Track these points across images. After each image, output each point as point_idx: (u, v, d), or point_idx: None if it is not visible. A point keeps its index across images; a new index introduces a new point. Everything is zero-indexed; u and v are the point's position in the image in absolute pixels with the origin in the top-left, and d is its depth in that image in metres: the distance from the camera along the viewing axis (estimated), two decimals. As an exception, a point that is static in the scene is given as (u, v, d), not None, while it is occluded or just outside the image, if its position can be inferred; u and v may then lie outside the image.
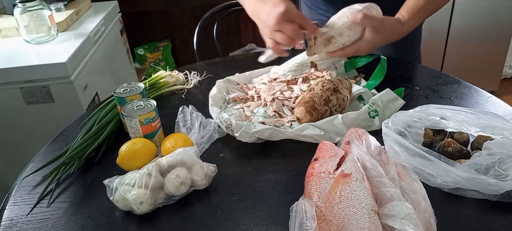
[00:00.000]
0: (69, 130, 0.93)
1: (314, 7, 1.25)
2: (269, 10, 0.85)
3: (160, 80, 1.05)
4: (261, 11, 0.88)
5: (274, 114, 0.89)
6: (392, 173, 0.65)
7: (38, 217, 0.69)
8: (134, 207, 0.65)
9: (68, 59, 1.32)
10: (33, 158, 0.85)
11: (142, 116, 0.78)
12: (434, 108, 0.75)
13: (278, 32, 0.85)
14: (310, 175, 0.66)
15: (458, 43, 2.33)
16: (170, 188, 0.67)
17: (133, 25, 2.48)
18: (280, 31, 0.84)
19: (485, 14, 2.24)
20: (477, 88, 0.96)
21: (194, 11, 2.56)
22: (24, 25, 1.48)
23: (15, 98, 1.34)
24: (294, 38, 0.85)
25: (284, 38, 0.85)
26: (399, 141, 0.68)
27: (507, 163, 0.64)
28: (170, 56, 2.68)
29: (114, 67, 1.88)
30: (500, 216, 0.62)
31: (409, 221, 0.54)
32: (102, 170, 0.80)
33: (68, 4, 1.76)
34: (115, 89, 0.87)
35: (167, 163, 0.69)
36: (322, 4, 1.20)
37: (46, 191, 0.74)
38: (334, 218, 0.57)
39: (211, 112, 0.89)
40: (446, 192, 0.66)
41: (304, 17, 0.87)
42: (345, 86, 0.90)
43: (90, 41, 1.57)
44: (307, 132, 0.80)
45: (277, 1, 0.85)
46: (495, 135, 0.70)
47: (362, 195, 0.58)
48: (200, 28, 1.48)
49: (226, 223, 0.64)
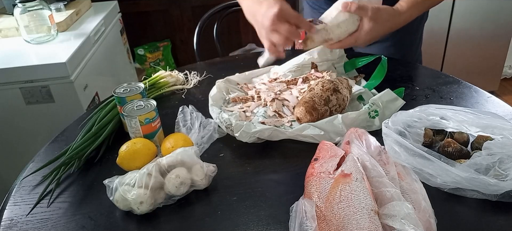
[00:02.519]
0: (69, 130, 0.93)
1: (316, 6, 1.25)
2: (264, 11, 0.85)
3: (160, 80, 1.05)
4: (256, 13, 0.89)
5: (274, 114, 0.89)
6: (392, 173, 0.65)
7: (38, 217, 0.69)
8: (134, 207, 0.65)
9: (68, 59, 1.32)
10: (33, 158, 0.85)
11: (142, 116, 0.78)
12: (434, 108, 0.75)
13: (274, 33, 0.85)
14: (310, 175, 0.66)
15: (458, 43, 2.33)
16: (170, 188, 0.67)
17: (133, 25, 2.48)
18: (276, 32, 0.85)
19: (485, 14, 2.24)
20: (477, 88, 0.96)
21: (194, 11, 2.56)
22: (24, 25, 1.48)
23: (15, 98, 1.34)
24: (290, 38, 0.86)
25: (280, 38, 0.85)
26: (399, 141, 0.68)
27: (507, 163, 0.64)
28: (170, 56, 2.68)
29: (114, 67, 1.88)
30: (500, 216, 0.62)
31: (409, 221, 0.54)
32: (102, 170, 0.80)
33: (68, 4, 1.76)
34: (115, 89, 0.87)
35: (167, 163, 0.69)
36: (324, 3, 1.20)
37: (46, 191, 0.74)
38: (334, 218, 0.57)
39: (211, 112, 0.89)
40: (446, 192, 0.66)
41: (298, 16, 0.86)
42: (345, 86, 0.90)
43: (90, 41, 1.57)
44: (307, 132, 0.80)
45: (271, 2, 0.85)
46: (495, 135, 0.70)
47: (362, 195, 0.58)
48: (200, 28, 1.48)
49: (226, 223, 0.64)
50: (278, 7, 0.83)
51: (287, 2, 0.87)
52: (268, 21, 0.84)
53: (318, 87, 0.88)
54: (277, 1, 0.85)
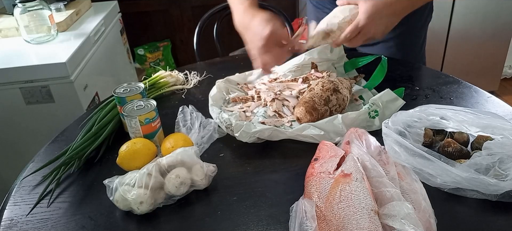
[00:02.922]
0: (69, 130, 0.93)
1: (320, 6, 1.25)
2: (255, 30, 0.85)
3: (160, 80, 1.05)
4: (248, 28, 0.89)
5: (274, 114, 0.89)
6: (392, 173, 0.65)
7: (38, 217, 0.69)
8: (134, 207, 0.65)
9: (68, 59, 1.32)
10: (33, 158, 0.85)
11: (142, 116, 0.78)
12: (434, 108, 0.75)
13: (265, 54, 0.86)
14: (310, 175, 0.66)
15: (458, 43, 2.33)
16: (170, 188, 0.67)
17: (133, 25, 2.47)
18: (267, 53, 0.85)
19: (485, 14, 2.24)
20: (477, 88, 0.96)
21: (194, 11, 2.56)
22: (24, 25, 1.48)
23: (15, 98, 1.34)
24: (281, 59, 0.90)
25: (271, 59, 0.86)
26: (399, 141, 0.68)
27: (507, 163, 0.64)
28: (170, 56, 2.68)
29: (114, 67, 1.88)
30: (500, 216, 0.62)
31: (409, 221, 0.54)
32: (102, 170, 0.80)
33: (68, 4, 1.76)
34: (115, 89, 0.87)
35: (167, 163, 0.69)
36: (328, 2, 1.20)
37: (46, 191, 0.74)
38: (334, 218, 0.57)
39: (211, 112, 0.89)
40: (446, 192, 0.66)
41: (288, 37, 0.87)
42: (345, 86, 0.90)
43: (90, 41, 1.57)
44: (307, 132, 0.80)
45: (263, 19, 0.85)
46: (495, 135, 0.70)
47: (362, 195, 0.58)
48: (200, 28, 1.48)
49: (226, 223, 0.64)
50: (269, 29, 0.83)
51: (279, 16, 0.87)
52: (260, 42, 0.84)
53: (318, 87, 0.88)
54: (269, 20, 0.85)
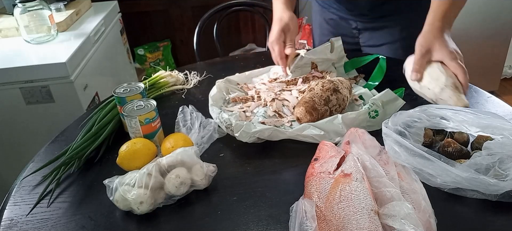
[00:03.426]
0: (69, 130, 0.93)
1: (325, 5, 1.25)
2: (274, 20, 1.03)
3: (160, 80, 1.05)
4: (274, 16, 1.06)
5: (274, 114, 0.89)
6: (392, 173, 0.65)
7: (38, 217, 0.69)
8: (134, 207, 0.65)
9: (68, 59, 1.32)
10: (33, 158, 0.85)
11: (142, 116, 0.78)
12: (434, 108, 0.75)
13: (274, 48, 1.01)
14: (310, 175, 0.66)
15: (458, 43, 2.30)
16: (170, 188, 0.67)
17: (133, 25, 2.47)
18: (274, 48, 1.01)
19: (485, 14, 2.24)
20: (477, 88, 0.96)
21: (194, 11, 2.56)
22: (24, 25, 1.48)
23: (15, 98, 1.34)
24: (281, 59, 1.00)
25: (275, 56, 1.01)
26: (399, 141, 0.68)
27: (507, 163, 0.64)
28: (170, 56, 2.68)
29: (114, 67, 1.88)
30: (500, 216, 0.62)
31: (409, 221, 0.54)
32: (102, 170, 0.80)
33: (68, 4, 1.76)
34: (115, 89, 0.87)
35: (167, 163, 0.69)
36: (333, 2, 1.20)
37: (46, 191, 0.74)
38: (334, 218, 0.57)
39: (211, 112, 0.89)
40: (446, 192, 0.66)
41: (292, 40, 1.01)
42: (345, 86, 0.90)
43: (90, 41, 1.57)
44: (307, 132, 0.80)
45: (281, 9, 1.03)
46: (495, 135, 0.70)
47: (362, 195, 0.58)
48: (200, 28, 1.48)
49: (226, 223, 0.64)
50: (280, 27, 0.99)
51: None
52: (271, 37, 1.00)
53: (318, 87, 0.88)
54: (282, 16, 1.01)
